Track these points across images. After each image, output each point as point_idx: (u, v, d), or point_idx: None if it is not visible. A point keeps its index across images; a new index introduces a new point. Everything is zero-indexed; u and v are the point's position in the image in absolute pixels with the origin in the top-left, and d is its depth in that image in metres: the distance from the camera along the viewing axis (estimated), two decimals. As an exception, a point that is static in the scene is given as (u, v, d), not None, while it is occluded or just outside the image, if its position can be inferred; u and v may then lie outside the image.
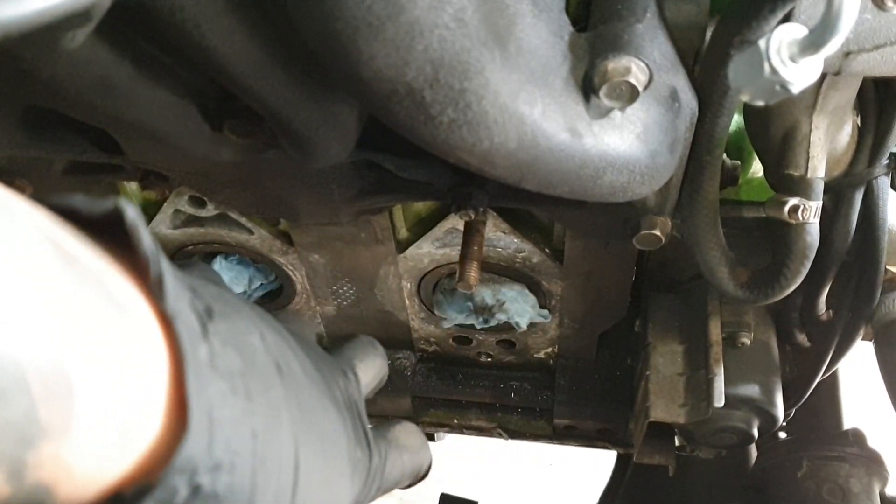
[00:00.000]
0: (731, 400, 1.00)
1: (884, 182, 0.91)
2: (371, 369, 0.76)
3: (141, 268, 0.40)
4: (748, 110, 0.84)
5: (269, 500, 0.46)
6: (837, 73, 0.68)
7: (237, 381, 0.43)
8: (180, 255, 1.13)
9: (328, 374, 0.61)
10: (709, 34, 0.71)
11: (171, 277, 0.40)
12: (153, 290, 0.40)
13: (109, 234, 0.39)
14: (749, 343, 1.06)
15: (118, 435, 0.37)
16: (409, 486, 0.74)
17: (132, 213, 0.39)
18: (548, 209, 0.96)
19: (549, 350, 1.30)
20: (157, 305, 0.40)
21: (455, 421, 1.40)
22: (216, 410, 0.41)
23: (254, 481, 0.44)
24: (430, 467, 0.76)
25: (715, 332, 1.02)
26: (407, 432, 0.72)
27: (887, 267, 0.98)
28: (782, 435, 1.33)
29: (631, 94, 0.62)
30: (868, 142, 0.88)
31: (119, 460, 0.38)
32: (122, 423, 0.37)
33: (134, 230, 0.39)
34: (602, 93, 0.62)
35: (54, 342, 0.33)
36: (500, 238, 1.05)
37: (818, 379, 1.12)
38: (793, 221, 0.81)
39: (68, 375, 0.33)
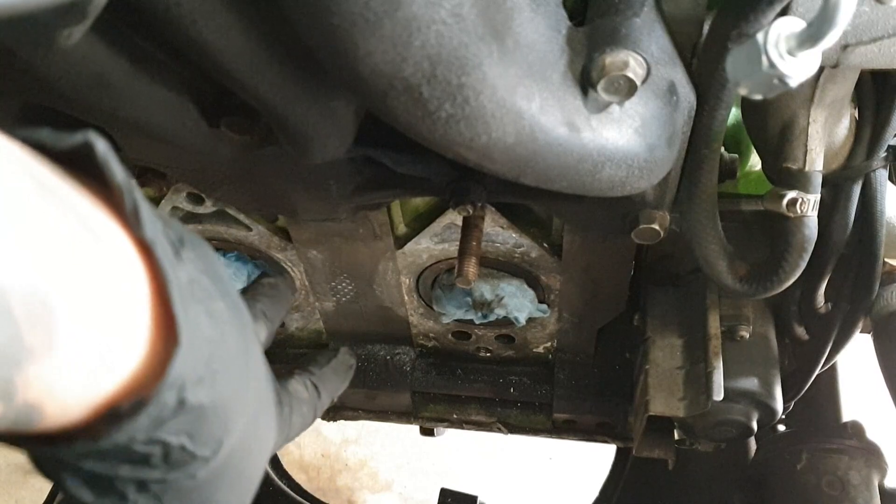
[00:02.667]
0: (730, 393, 1.00)
1: (882, 175, 0.91)
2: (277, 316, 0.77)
3: (115, 199, 0.40)
4: (746, 104, 0.84)
5: (241, 422, 0.49)
6: (835, 66, 0.68)
7: (211, 305, 0.45)
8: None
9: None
10: (706, 28, 0.70)
11: (146, 207, 0.41)
12: (129, 219, 0.40)
13: (80, 168, 0.40)
14: (748, 336, 1.06)
15: (102, 354, 0.38)
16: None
17: (102, 146, 0.40)
18: (546, 204, 0.95)
19: (548, 345, 1.30)
20: (134, 233, 0.41)
21: (455, 416, 1.40)
22: (197, 331, 0.43)
23: (231, 400, 0.46)
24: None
25: (714, 325, 1.03)
26: (302, 385, 0.74)
27: (885, 259, 0.98)
28: (781, 428, 1.33)
29: (629, 89, 0.62)
30: (866, 134, 0.88)
31: (106, 379, 0.39)
32: (105, 343, 0.38)
33: (105, 163, 0.40)
34: (600, 87, 0.62)
35: (33, 267, 0.33)
36: (499, 233, 1.05)
37: (817, 372, 1.12)
38: (791, 214, 0.81)
39: (49, 298, 0.34)
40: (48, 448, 0.41)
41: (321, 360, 0.79)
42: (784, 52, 0.50)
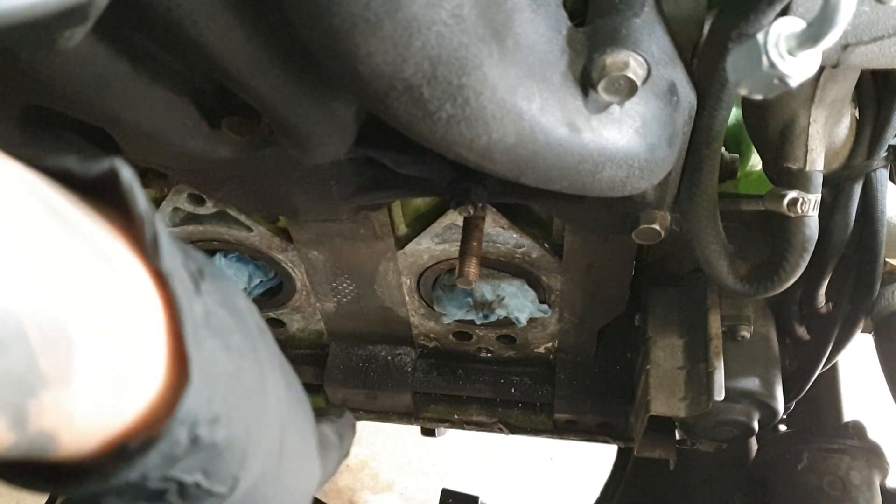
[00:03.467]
0: (731, 393, 1.00)
1: (882, 174, 0.91)
2: None
3: (136, 228, 0.40)
4: (746, 103, 0.84)
5: (261, 457, 0.48)
6: (835, 66, 0.68)
7: (229, 339, 0.44)
8: (179, 252, 1.13)
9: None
10: (707, 28, 0.70)
11: (166, 238, 0.41)
12: (148, 249, 0.40)
13: (104, 195, 0.40)
14: (749, 336, 1.06)
15: (117, 385, 0.37)
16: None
17: (127, 174, 0.39)
18: (547, 204, 0.96)
19: (549, 345, 1.30)
20: (151, 264, 0.40)
21: (456, 416, 1.40)
22: (212, 366, 0.42)
23: (248, 436, 0.45)
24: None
25: (715, 325, 1.03)
26: (329, 430, 0.74)
27: (886, 259, 0.98)
28: (783, 428, 1.33)
29: (629, 89, 0.62)
30: (866, 134, 0.88)
31: (120, 411, 0.38)
32: (120, 373, 0.37)
33: (129, 192, 0.39)
34: (600, 87, 0.62)
35: (49, 294, 0.33)
36: (500, 233, 1.05)
37: (818, 371, 1.12)
38: (792, 214, 0.81)
39: (65, 326, 0.34)
40: (61, 489, 0.40)
41: (336, 413, 0.78)
42: (784, 51, 0.50)
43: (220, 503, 0.45)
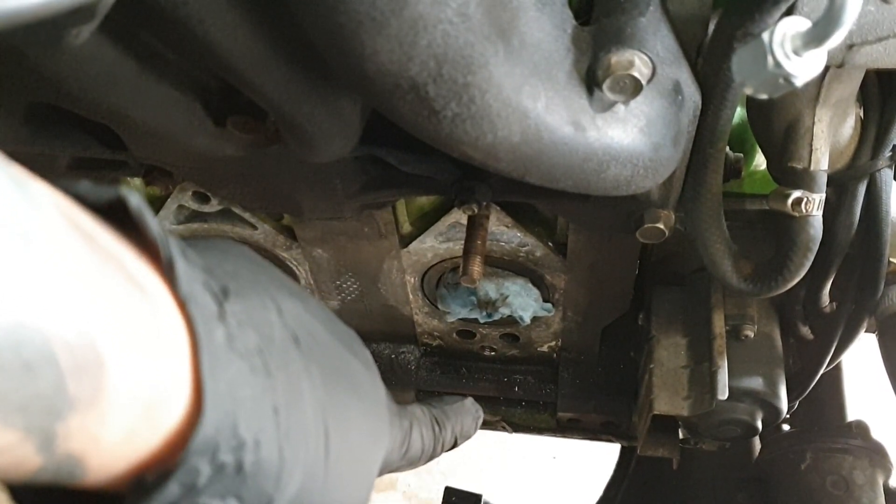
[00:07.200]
0: (734, 392, 1.00)
1: (887, 174, 0.91)
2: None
3: (151, 253, 0.40)
4: (751, 103, 0.84)
5: (298, 472, 0.47)
6: (840, 66, 0.68)
7: (255, 359, 0.44)
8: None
9: (347, 339, 0.61)
10: (712, 27, 0.70)
11: (183, 261, 0.41)
12: (166, 273, 0.40)
13: (115, 222, 0.40)
14: (752, 335, 1.06)
15: (145, 411, 0.37)
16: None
17: (136, 200, 0.40)
18: (551, 203, 0.96)
19: (553, 344, 1.30)
20: (172, 288, 0.40)
21: (459, 414, 1.40)
22: (237, 390, 0.41)
23: (281, 456, 0.45)
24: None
25: (718, 324, 1.03)
26: (420, 411, 0.72)
27: (890, 259, 0.98)
28: (786, 427, 1.33)
29: (634, 88, 0.62)
30: (871, 134, 0.88)
31: (146, 437, 0.38)
32: (148, 399, 0.37)
33: (139, 217, 0.40)
34: (605, 86, 0.62)
35: (80, 315, 0.33)
36: (504, 232, 1.05)
37: (822, 371, 1.12)
38: (796, 214, 0.81)
39: (96, 348, 0.33)
40: None
41: (445, 399, 0.77)
42: (789, 51, 0.50)
43: None
